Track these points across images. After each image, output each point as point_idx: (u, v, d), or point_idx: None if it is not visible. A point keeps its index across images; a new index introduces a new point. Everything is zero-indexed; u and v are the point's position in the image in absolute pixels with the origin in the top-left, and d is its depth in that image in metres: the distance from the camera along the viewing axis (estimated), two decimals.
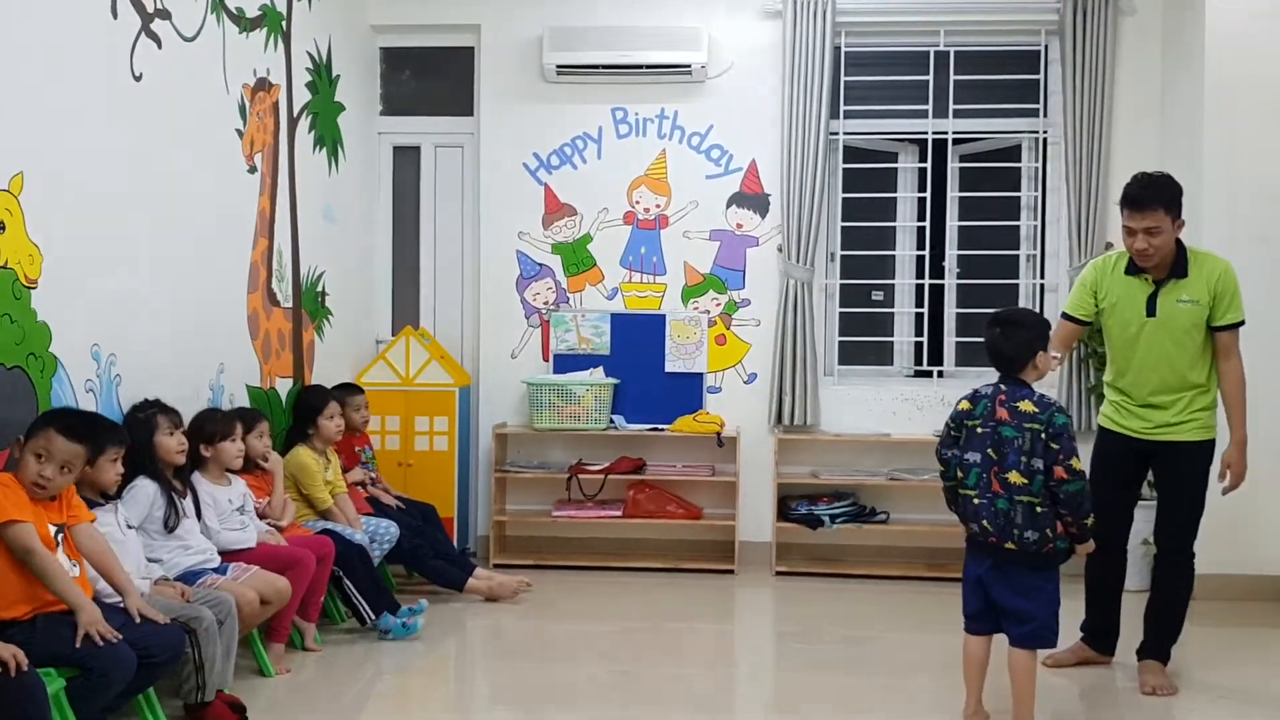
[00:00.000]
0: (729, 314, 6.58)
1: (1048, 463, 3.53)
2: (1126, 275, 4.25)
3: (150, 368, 4.20)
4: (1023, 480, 3.55)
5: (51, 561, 3.21)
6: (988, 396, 3.67)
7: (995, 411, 3.62)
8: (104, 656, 3.15)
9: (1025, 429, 3.56)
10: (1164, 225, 4.07)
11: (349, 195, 6.36)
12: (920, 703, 4.11)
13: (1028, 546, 3.54)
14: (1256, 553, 5.67)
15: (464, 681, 4.66)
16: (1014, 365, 3.67)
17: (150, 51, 4.21)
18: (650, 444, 6.52)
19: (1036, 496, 3.53)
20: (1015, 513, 3.55)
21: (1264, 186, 5.63)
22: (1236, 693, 4.28)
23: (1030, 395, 3.61)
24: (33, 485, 3.25)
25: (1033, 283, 6.53)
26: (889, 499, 6.39)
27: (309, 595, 4.51)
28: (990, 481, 3.60)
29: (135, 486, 3.90)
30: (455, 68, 6.86)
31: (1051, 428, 3.54)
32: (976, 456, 3.64)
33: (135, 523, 3.83)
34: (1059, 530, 3.56)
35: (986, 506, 3.60)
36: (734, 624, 5.67)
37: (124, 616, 3.34)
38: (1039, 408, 3.57)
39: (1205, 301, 4.14)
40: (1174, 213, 4.10)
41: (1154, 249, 4.09)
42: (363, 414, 5.70)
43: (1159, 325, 4.18)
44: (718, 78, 6.54)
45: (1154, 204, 4.06)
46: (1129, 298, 4.24)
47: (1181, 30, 6.02)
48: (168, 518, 3.95)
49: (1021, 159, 6.59)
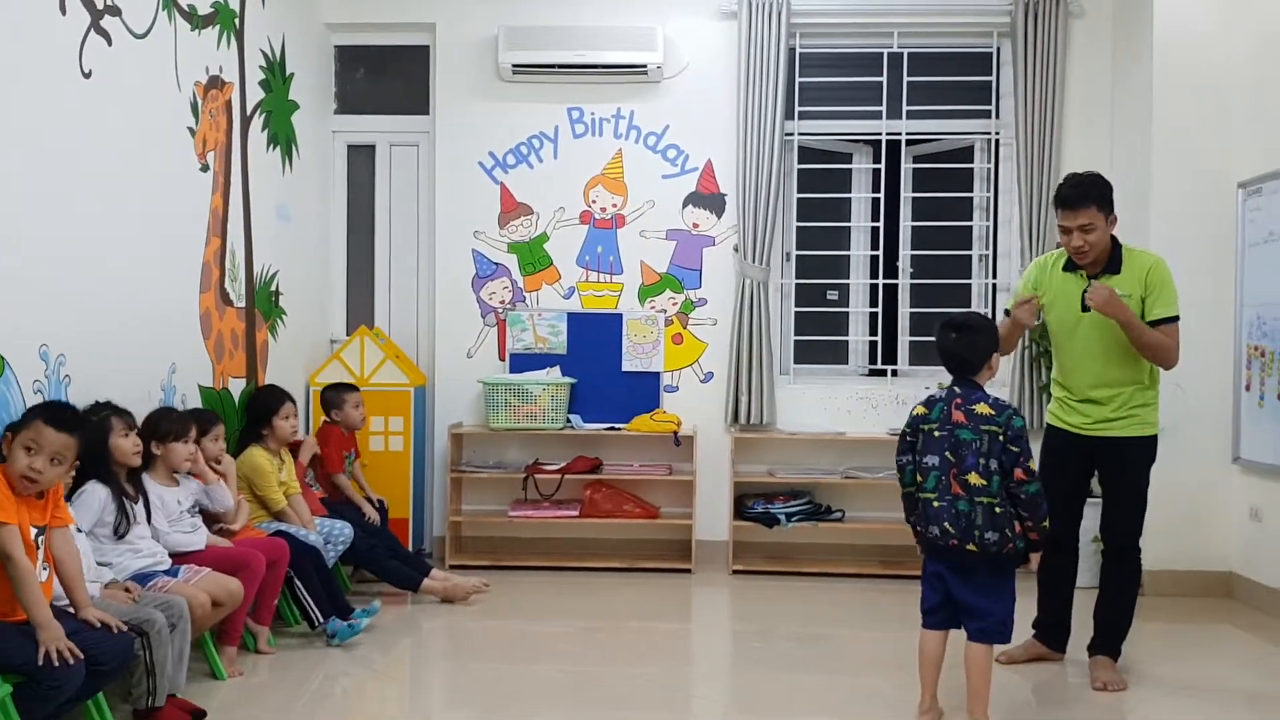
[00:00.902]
0: (685, 313, 6.59)
1: (1007, 465, 3.57)
2: (1064, 272, 4.36)
3: (100, 368, 4.14)
4: (982, 481, 3.58)
5: (28, 572, 3.17)
6: (943, 400, 3.71)
7: (952, 415, 3.66)
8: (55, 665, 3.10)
9: (982, 431, 3.60)
10: (1097, 222, 4.18)
11: (303, 194, 6.31)
12: (876, 700, 4.14)
13: (989, 548, 3.57)
14: (1203, 549, 5.76)
15: (419, 684, 4.63)
16: (971, 368, 3.72)
17: (100, 48, 4.15)
18: (607, 443, 6.51)
19: (995, 497, 3.57)
20: (976, 514, 3.58)
21: (1211, 184, 5.72)
22: (1186, 686, 4.34)
23: (985, 398, 3.66)
24: (22, 479, 3.21)
25: (985, 283, 6.60)
26: (844, 497, 6.44)
27: (261, 597, 4.47)
28: (950, 484, 3.63)
29: (86, 491, 3.85)
30: (410, 66, 6.82)
31: (1010, 430, 3.58)
32: (935, 460, 3.68)
33: (85, 528, 3.77)
34: (1018, 530, 3.60)
35: (947, 509, 3.63)
36: (691, 623, 5.67)
37: (76, 621, 3.29)
38: (995, 410, 3.62)
39: (1137, 295, 4.22)
40: (1106, 209, 4.21)
41: (1089, 245, 4.20)
42: (360, 411, 5.76)
43: (1093, 320, 4.26)
44: (674, 78, 6.55)
45: (1086, 202, 4.17)
46: (1065, 294, 4.34)
47: (1130, 32, 6.11)
48: (118, 524, 3.90)
49: (974, 160, 6.65)
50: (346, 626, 4.74)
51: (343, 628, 4.73)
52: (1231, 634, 5.22)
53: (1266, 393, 5.39)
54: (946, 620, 3.74)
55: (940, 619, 3.75)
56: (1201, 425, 5.70)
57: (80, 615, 3.33)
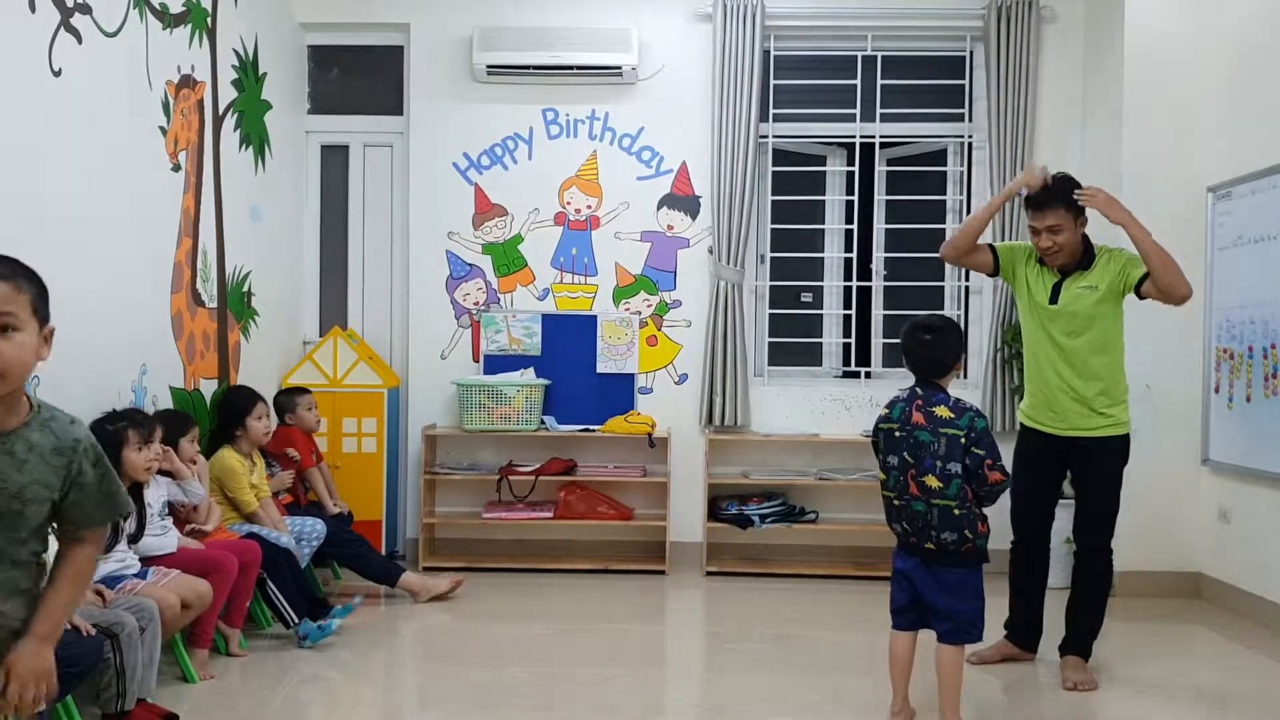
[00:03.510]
0: (660, 315, 6.59)
1: (973, 466, 3.58)
2: (1038, 265, 4.42)
3: (70, 369, 4.08)
4: (938, 484, 3.60)
5: None
6: (904, 401, 3.73)
7: (912, 416, 3.68)
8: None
9: (941, 434, 3.61)
10: (1065, 224, 4.23)
11: (276, 194, 6.28)
12: (848, 701, 4.15)
13: (946, 547, 3.60)
14: (1173, 550, 5.81)
15: (392, 685, 4.62)
16: (939, 371, 3.73)
17: (70, 46, 4.12)
18: (581, 445, 6.51)
19: (953, 500, 3.58)
20: (932, 516, 3.60)
21: (1181, 188, 5.77)
22: (1155, 686, 4.38)
23: (946, 400, 3.67)
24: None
25: (958, 285, 6.63)
26: (818, 498, 6.46)
27: (233, 600, 4.45)
28: (908, 484, 3.66)
29: None
30: (384, 66, 6.80)
31: (974, 433, 3.60)
32: (895, 460, 3.71)
33: None
34: (980, 530, 3.62)
35: (905, 509, 3.67)
36: (665, 624, 5.68)
37: None
38: (955, 413, 3.63)
39: (1104, 286, 4.27)
40: (1075, 211, 4.26)
41: (1059, 246, 4.25)
42: (314, 413, 5.76)
43: (1061, 312, 4.31)
44: (649, 80, 6.55)
45: (1054, 204, 4.23)
46: (1037, 286, 4.40)
47: (1101, 37, 6.16)
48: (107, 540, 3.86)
49: (947, 163, 6.69)
50: (317, 628, 4.72)
51: (313, 629, 4.71)
52: (1200, 633, 5.27)
53: (1235, 395, 5.44)
54: (916, 621, 3.76)
55: (909, 619, 3.76)
56: (1171, 427, 5.75)
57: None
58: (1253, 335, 5.29)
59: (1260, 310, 5.24)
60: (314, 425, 5.80)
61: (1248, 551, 5.41)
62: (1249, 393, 5.32)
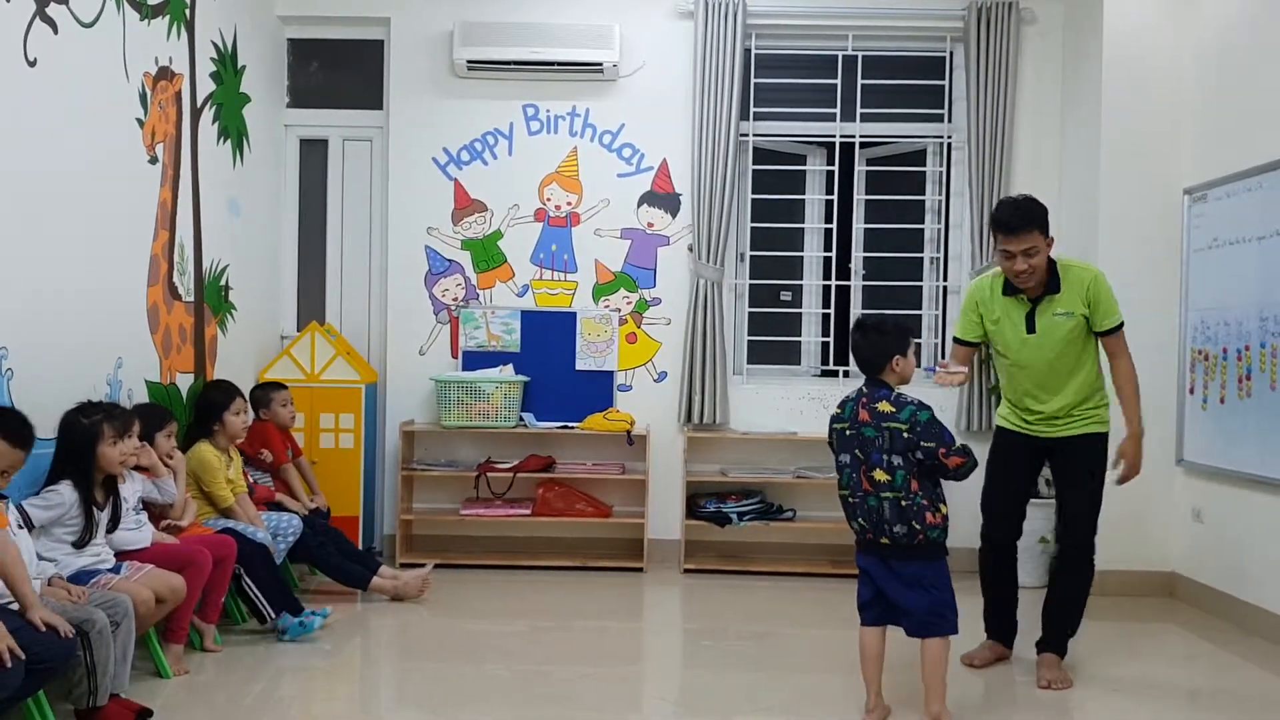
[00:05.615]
0: (640, 312, 6.59)
1: (928, 460, 3.62)
2: (1005, 296, 4.36)
3: (45, 362, 4.07)
4: (886, 477, 3.65)
5: None
6: (854, 400, 3.78)
7: (859, 414, 3.73)
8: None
9: (884, 428, 3.66)
10: (1039, 245, 4.18)
11: (254, 188, 6.24)
12: (825, 698, 4.16)
13: (899, 540, 3.65)
14: (1147, 550, 5.85)
15: (369, 682, 4.60)
16: (873, 368, 3.78)
17: (46, 36, 4.08)
18: (560, 442, 6.50)
19: (900, 492, 3.64)
20: (884, 509, 3.66)
21: (1158, 190, 5.81)
22: (1129, 685, 4.40)
23: (888, 396, 3.71)
24: None
25: (936, 285, 6.66)
26: (795, 497, 6.47)
27: (208, 595, 4.42)
28: (860, 481, 3.71)
29: (56, 490, 3.80)
30: (364, 60, 6.77)
31: (918, 426, 3.64)
32: (846, 458, 3.76)
33: (39, 523, 3.72)
34: (929, 520, 3.64)
35: (860, 504, 3.72)
36: (643, 622, 5.68)
37: (17, 620, 3.23)
38: (896, 407, 3.68)
39: (1080, 312, 4.26)
40: (1045, 231, 4.22)
41: (1032, 268, 4.20)
42: (290, 409, 5.72)
43: (1039, 341, 4.29)
44: (629, 77, 6.55)
45: (1029, 226, 4.16)
46: (1009, 318, 4.35)
47: (1081, 40, 6.19)
48: (80, 537, 3.84)
49: (927, 163, 6.71)
50: (298, 624, 4.69)
51: (294, 624, 4.69)
52: (1174, 633, 5.31)
53: (1209, 396, 5.48)
54: (883, 616, 3.79)
55: (876, 614, 3.80)
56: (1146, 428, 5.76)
57: (28, 616, 3.27)
58: (1227, 337, 5.33)
59: (1234, 312, 5.28)
60: (289, 421, 5.77)
61: (1221, 551, 5.44)
62: (1223, 394, 5.36)
